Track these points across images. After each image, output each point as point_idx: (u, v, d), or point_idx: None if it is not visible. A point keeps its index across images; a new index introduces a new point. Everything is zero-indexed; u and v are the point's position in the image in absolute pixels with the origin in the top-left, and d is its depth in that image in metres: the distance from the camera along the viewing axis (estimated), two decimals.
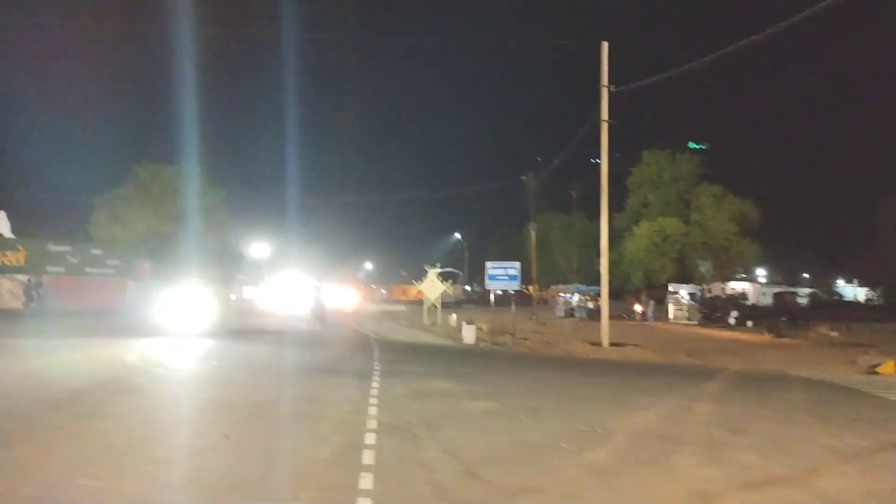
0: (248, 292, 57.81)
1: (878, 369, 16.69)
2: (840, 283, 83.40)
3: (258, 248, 57.97)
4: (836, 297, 75.70)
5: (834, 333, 25.11)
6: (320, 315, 32.27)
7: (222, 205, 51.86)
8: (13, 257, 44.14)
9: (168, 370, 13.75)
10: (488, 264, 25.31)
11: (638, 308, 37.66)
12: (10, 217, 45.96)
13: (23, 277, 43.73)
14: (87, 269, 47.18)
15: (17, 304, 42.96)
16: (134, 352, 15.68)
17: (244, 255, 61.27)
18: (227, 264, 63.76)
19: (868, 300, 72.24)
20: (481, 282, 39.60)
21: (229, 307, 24.20)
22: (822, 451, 7.83)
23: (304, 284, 41.26)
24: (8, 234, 45.39)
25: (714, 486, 6.24)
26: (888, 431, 9.26)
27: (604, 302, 22.44)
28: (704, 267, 42.25)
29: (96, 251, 48.38)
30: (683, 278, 42.18)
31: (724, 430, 8.79)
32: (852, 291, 79.37)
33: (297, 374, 13.84)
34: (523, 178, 40.36)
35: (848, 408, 11.48)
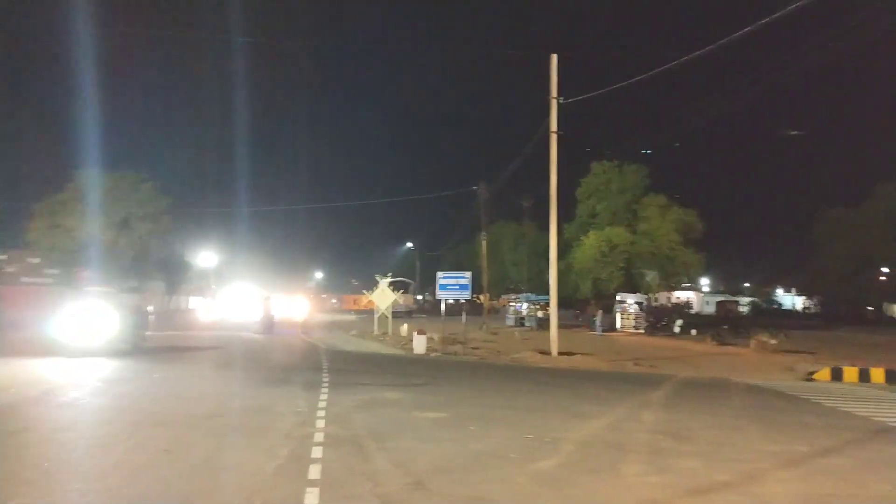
0: (194, 303, 56.46)
1: (815, 376, 17.27)
2: (779, 292, 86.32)
3: (206, 257, 56.71)
4: (776, 306, 78.32)
5: (773, 341, 25.83)
6: (269, 326, 31.75)
7: (167, 212, 50.52)
8: None
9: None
10: (439, 274, 25.32)
11: (598, 318, 37.94)
12: None
13: None
14: (24, 279, 45.50)
15: None
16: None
17: (191, 264, 59.87)
18: (172, 273, 62.17)
19: (805, 309, 74.91)
20: (433, 291, 39.57)
21: (142, 320, 21.16)
22: (763, 457, 8.02)
23: (252, 295, 40.41)
24: None
25: (660, 493, 6.31)
26: (825, 437, 9.55)
27: (553, 311, 22.64)
28: (650, 276, 43.13)
29: (34, 260, 46.65)
30: (630, 287, 42.98)
31: (670, 438, 8.93)
32: (791, 300, 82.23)
33: (244, 387, 13.54)
34: (475, 187, 40.60)
35: (787, 414, 11.82)
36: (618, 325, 39.29)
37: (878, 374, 17.01)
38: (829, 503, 6.44)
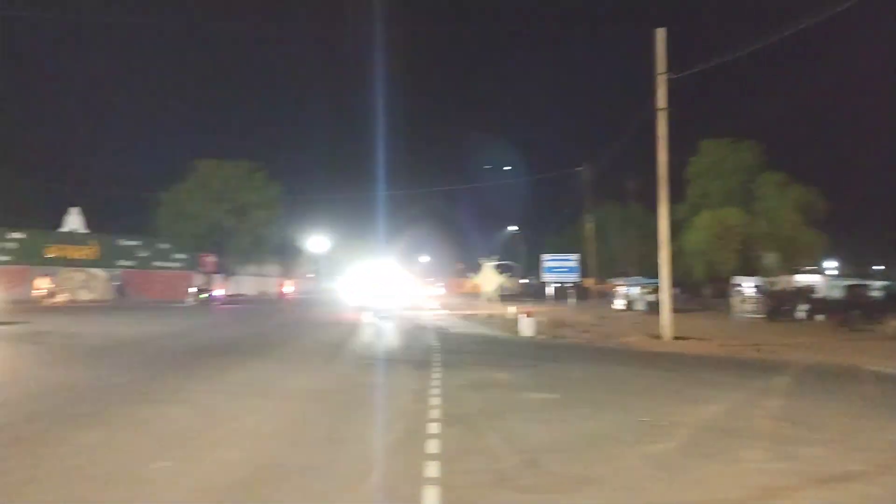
0: (288, 286, 56.64)
1: None
2: None
3: (316, 241, 58.64)
4: None
5: None
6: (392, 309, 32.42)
7: (280, 198, 52.82)
8: (87, 251, 46.17)
9: None
10: (544, 256, 25.19)
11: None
12: (83, 213, 48.02)
13: (103, 273, 45.98)
14: (155, 263, 49.06)
15: (91, 296, 44.95)
16: None
17: (302, 249, 62.14)
18: (286, 257, 64.85)
19: None
20: (538, 275, 39.28)
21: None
22: None
23: (390, 275, 37.29)
24: (82, 229, 47.48)
25: (785, 480, 6.07)
26: None
27: (664, 294, 22.02)
28: (769, 259, 40.94)
29: (164, 245, 50.11)
30: (747, 270, 40.97)
31: (793, 425, 8.54)
32: None
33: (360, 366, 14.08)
34: (579, 168, 39.84)
35: None
36: (735, 309, 37.66)
37: None
38: None
